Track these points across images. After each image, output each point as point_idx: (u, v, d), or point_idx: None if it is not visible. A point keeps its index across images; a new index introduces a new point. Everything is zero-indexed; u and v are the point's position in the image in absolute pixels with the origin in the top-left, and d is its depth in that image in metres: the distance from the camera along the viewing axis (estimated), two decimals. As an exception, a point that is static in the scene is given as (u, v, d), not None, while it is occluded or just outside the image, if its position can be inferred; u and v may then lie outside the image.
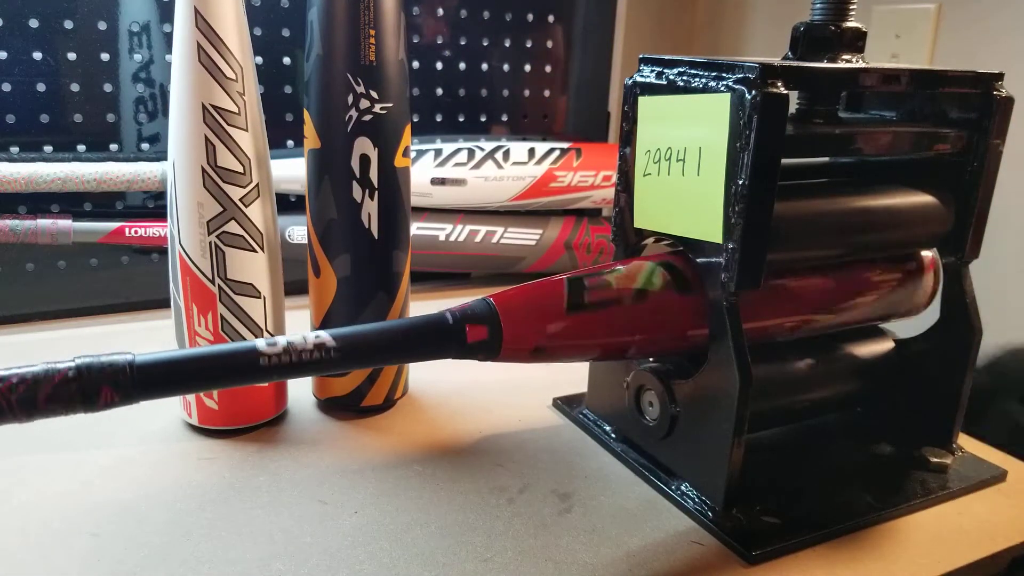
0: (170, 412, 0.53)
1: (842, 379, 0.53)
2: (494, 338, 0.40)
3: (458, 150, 0.80)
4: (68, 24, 0.66)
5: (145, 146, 0.71)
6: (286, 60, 0.75)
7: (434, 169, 0.78)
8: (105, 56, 0.68)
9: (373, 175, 0.49)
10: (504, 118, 0.88)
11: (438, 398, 0.59)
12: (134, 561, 0.39)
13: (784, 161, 0.40)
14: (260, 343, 0.36)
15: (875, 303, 0.51)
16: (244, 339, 0.49)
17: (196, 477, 0.47)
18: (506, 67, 0.86)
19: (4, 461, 0.47)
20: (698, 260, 0.45)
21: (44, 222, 0.66)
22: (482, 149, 0.80)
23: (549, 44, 0.88)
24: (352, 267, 0.51)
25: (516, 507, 0.45)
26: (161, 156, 0.71)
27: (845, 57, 0.46)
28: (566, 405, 0.57)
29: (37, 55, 0.65)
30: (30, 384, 0.31)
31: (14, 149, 0.67)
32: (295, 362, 0.36)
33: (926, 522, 0.46)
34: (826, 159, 0.55)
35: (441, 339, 0.40)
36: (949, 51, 0.71)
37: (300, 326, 0.54)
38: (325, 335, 0.37)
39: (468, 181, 0.79)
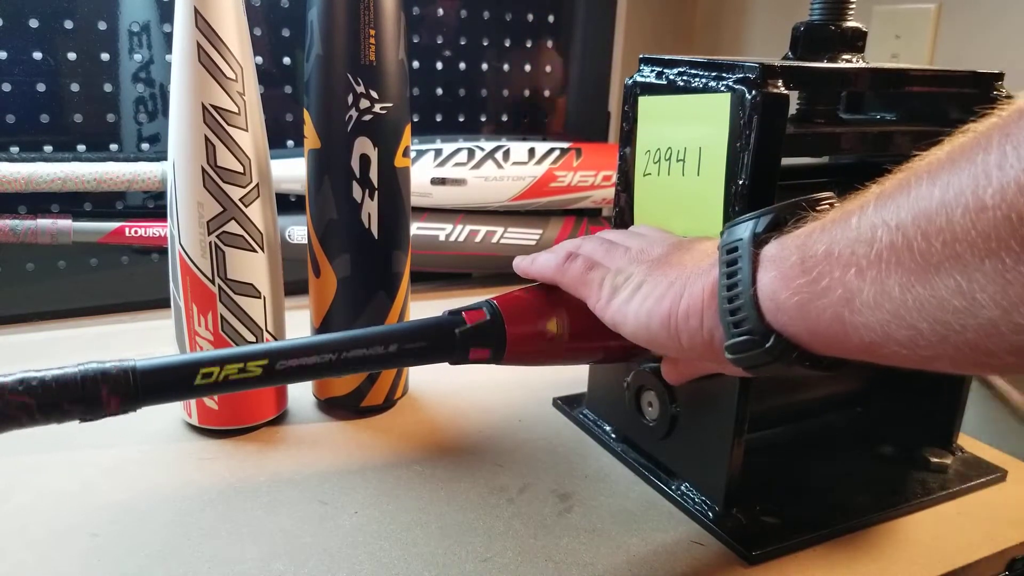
0: (170, 412, 0.53)
1: (842, 379, 0.53)
2: (498, 348, 0.41)
3: (458, 150, 0.80)
4: (68, 24, 0.66)
5: (145, 146, 0.71)
6: (286, 60, 0.75)
7: (434, 169, 0.78)
8: (105, 56, 0.68)
9: (373, 175, 0.49)
10: (504, 118, 0.88)
11: (438, 398, 0.59)
12: (134, 561, 0.39)
13: (784, 161, 0.40)
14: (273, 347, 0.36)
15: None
16: (244, 339, 0.49)
17: (196, 477, 0.47)
18: (506, 67, 0.86)
19: (4, 461, 0.47)
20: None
21: (44, 222, 0.66)
22: (482, 149, 0.80)
23: (549, 44, 0.88)
24: (352, 267, 0.51)
25: (516, 507, 0.45)
26: (161, 156, 0.71)
27: (845, 57, 0.46)
28: (566, 405, 0.57)
29: (37, 55, 0.65)
30: (31, 394, 0.31)
31: (14, 149, 0.67)
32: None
33: (926, 522, 0.46)
34: (826, 159, 0.55)
35: (445, 349, 0.40)
36: (949, 51, 0.71)
37: (300, 326, 0.54)
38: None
39: (468, 181, 0.79)
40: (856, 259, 0.27)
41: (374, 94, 0.48)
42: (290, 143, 0.77)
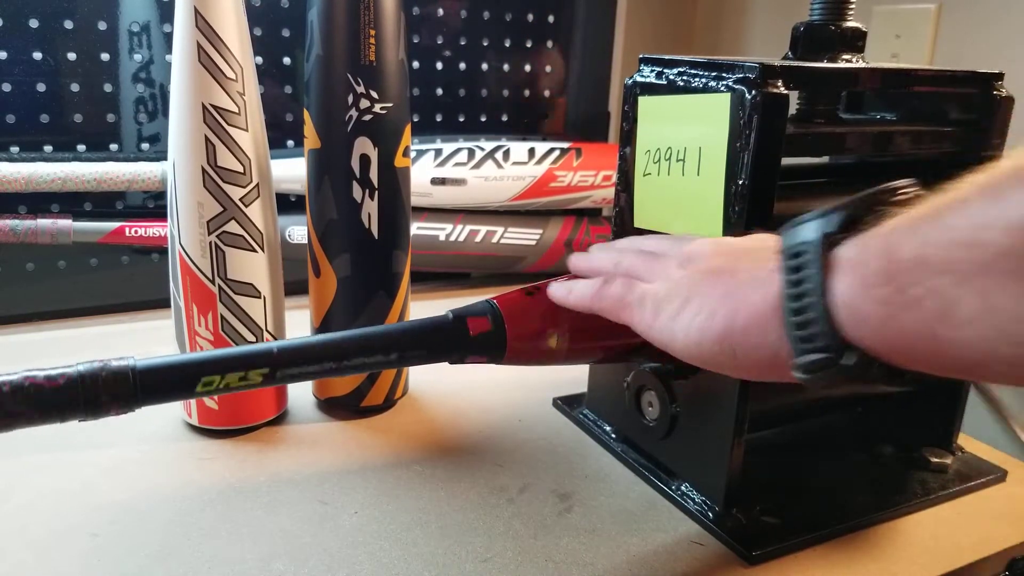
0: (170, 412, 0.53)
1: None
2: (498, 347, 0.40)
3: (458, 150, 0.80)
4: (68, 24, 0.66)
5: (145, 146, 0.71)
6: (286, 60, 0.75)
7: (434, 169, 0.78)
8: (105, 56, 0.68)
9: (373, 175, 0.49)
10: (504, 118, 0.88)
11: (438, 398, 0.59)
12: (134, 561, 0.39)
13: (784, 161, 0.40)
14: (274, 347, 0.36)
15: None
16: (244, 339, 0.49)
17: (196, 477, 0.47)
18: (506, 67, 0.86)
19: (4, 461, 0.47)
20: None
21: (44, 222, 0.66)
22: (482, 149, 0.80)
23: (549, 44, 0.88)
24: (352, 267, 0.51)
25: (516, 507, 0.45)
26: (161, 156, 0.71)
27: (845, 57, 0.46)
28: (566, 405, 0.57)
29: (37, 55, 0.65)
30: (31, 393, 0.31)
31: (14, 149, 0.67)
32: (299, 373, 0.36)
33: (926, 522, 0.46)
34: (826, 159, 0.55)
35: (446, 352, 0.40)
36: (949, 51, 0.71)
37: (300, 326, 0.54)
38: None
39: (468, 181, 0.79)
40: (955, 265, 0.24)
41: (374, 94, 0.48)
42: (290, 143, 0.77)
